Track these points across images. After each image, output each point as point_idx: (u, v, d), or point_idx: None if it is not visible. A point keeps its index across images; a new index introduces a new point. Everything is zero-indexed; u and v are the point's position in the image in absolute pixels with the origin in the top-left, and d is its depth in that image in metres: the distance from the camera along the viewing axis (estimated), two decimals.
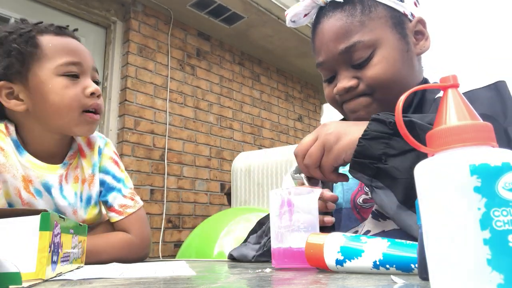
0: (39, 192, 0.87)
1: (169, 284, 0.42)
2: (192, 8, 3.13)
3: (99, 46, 2.94)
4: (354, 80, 0.76)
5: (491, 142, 0.28)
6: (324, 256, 0.51)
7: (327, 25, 0.78)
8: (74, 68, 0.88)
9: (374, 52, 0.75)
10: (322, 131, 0.68)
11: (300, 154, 0.69)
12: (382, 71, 0.74)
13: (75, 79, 0.88)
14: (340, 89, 0.77)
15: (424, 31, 0.82)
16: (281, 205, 0.62)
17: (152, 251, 2.82)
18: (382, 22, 0.76)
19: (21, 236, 0.47)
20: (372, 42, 0.74)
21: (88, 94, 0.87)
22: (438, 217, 0.27)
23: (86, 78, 0.89)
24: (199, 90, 3.35)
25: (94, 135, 0.99)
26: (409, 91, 0.32)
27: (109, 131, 2.78)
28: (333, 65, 0.79)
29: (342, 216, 0.79)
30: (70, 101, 0.86)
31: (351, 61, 0.76)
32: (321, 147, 0.66)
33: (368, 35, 0.74)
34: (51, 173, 0.89)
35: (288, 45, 3.74)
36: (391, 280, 0.41)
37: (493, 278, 0.24)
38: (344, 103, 0.80)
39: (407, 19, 0.80)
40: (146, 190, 2.83)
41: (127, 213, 0.95)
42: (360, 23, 0.75)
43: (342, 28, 0.75)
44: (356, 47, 0.74)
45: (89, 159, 0.96)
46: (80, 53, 0.90)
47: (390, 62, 0.75)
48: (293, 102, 4.30)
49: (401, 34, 0.77)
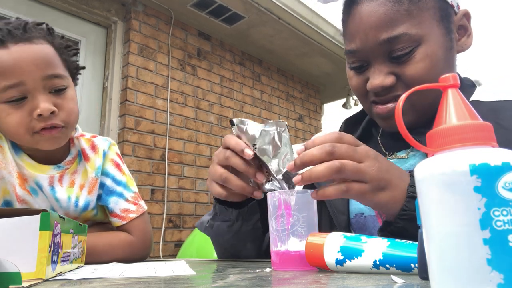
0: (35, 190, 0.87)
1: (169, 284, 0.42)
2: (192, 8, 3.13)
3: (99, 46, 2.94)
4: (391, 77, 0.69)
5: (491, 142, 0.28)
6: (324, 256, 0.51)
7: (368, 8, 0.68)
8: (14, 92, 0.77)
9: (418, 47, 0.67)
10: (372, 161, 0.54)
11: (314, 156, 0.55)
12: (425, 70, 0.67)
13: (20, 102, 0.78)
14: (376, 86, 0.70)
15: (468, 27, 0.75)
16: (278, 208, 0.60)
17: (152, 250, 2.82)
18: (430, 14, 0.68)
19: (21, 236, 0.47)
20: (419, 36, 0.67)
21: (35, 117, 0.78)
22: (438, 217, 0.27)
23: (36, 95, 0.79)
24: (200, 90, 3.35)
25: (98, 138, 0.98)
26: (409, 91, 0.32)
27: (109, 131, 2.78)
28: (368, 55, 0.71)
29: (367, 224, 0.75)
30: (16, 128, 0.80)
31: (390, 52, 0.68)
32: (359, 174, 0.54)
33: (416, 28, 0.67)
34: (41, 173, 0.88)
35: (289, 45, 3.74)
36: (391, 280, 0.41)
37: (493, 278, 0.24)
38: (374, 104, 0.73)
39: (453, 11, 0.72)
40: (147, 190, 2.83)
41: (130, 218, 0.93)
42: (407, 12, 0.67)
43: (387, 16, 0.67)
44: (400, 40, 0.66)
45: (93, 162, 0.94)
46: (20, 70, 0.77)
47: (433, 61, 0.67)
48: (293, 102, 4.29)
49: (446, 29, 0.70)
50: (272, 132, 0.65)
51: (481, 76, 0.80)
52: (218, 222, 0.79)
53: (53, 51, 0.83)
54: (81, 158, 0.94)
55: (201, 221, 0.85)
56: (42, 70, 0.79)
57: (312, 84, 4.57)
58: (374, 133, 0.86)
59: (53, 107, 0.80)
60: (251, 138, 0.66)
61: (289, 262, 0.58)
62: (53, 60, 0.82)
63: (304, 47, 3.76)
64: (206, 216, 0.84)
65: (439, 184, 0.27)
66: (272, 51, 3.86)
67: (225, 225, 0.79)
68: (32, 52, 0.78)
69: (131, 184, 0.98)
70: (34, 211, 0.48)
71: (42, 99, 0.79)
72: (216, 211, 0.78)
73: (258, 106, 3.87)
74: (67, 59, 0.88)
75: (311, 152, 0.55)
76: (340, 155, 0.54)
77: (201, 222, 0.85)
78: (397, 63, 0.69)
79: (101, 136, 1.00)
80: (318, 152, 0.54)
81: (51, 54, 0.82)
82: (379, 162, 0.55)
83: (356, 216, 0.77)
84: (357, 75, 0.75)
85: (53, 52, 0.83)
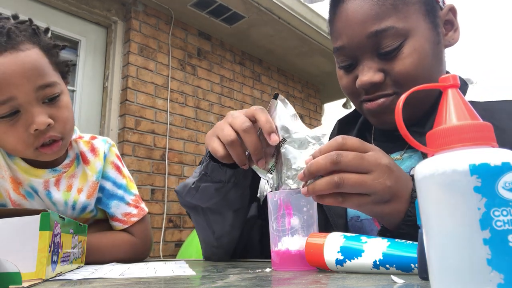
0: (30, 194, 0.86)
1: (169, 284, 0.42)
2: (193, 7, 3.13)
3: (100, 46, 2.94)
4: (380, 74, 0.69)
5: (491, 142, 0.28)
6: (324, 256, 0.51)
7: (354, 5, 0.69)
8: (6, 108, 0.73)
9: (405, 42, 0.67)
10: (379, 164, 0.52)
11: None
12: (413, 66, 0.67)
13: (14, 117, 0.75)
14: (365, 83, 0.69)
15: (454, 21, 0.75)
16: (279, 208, 0.60)
17: (153, 250, 2.82)
18: (416, 8, 0.68)
19: (21, 236, 0.47)
20: (406, 30, 0.67)
21: (32, 132, 0.75)
22: (438, 217, 0.27)
23: (29, 109, 0.75)
24: (200, 90, 3.35)
25: (98, 140, 0.95)
26: (409, 91, 0.32)
27: (110, 131, 2.78)
28: (356, 51, 0.70)
29: (364, 227, 0.74)
30: (15, 146, 0.78)
31: (378, 48, 0.68)
32: (361, 187, 0.52)
33: (402, 21, 0.66)
34: (35, 178, 0.86)
35: (289, 44, 3.74)
36: (391, 280, 0.41)
37: (493, 278, 0.24)
38: (363, 101, 0.73)
39: (438, 6, 0.72)
40: (147, 190, 2.83)
41: (132, 222, 0.93)
42: (393, 6, 0.67)
43: (373, 10, 0.67)
44: (387, 33, 0.66)
45: (93, 165, 0.92)
46: (10, 85, 0.72)
47: (421, 55, 0.67)
48: (293, 102, 4.29)
49: (433, 23, 0.70)
50: (311, 145, 0.61)
51: (471, 73, 0.79)
52: (206, 183, 0.74)
53: (41, 55, 0.78)
54: (80, 161, 0.92)
55: (184, 184, 0.78)
56: (33, 81, 0.74)
57: (312, 84, 4.57)
58: (367, 136, 0.85)
59: (49, 119, 0.76)
60: (283, 128, 0.62)
61: (290, 262, 0.58)
62: (43, 67, 0.77)
63: (304, 46, 3.76)
64: (190, 179, 0.77)
65: (439, 184, 0.27)
66: (272, 51, 3.86)
67: (213, 187, 0.74)
68: (20, 63, 0.73)
69: (132, 186, 0.97)
70: (34, 211, 0.48)
71: (37, 112, 0.75)
72: (207, 171, 0.73)
73: None
74: (56, 60, 0.83)
75: (317, 162, 0.52)
76: (345, 165, 0.51)
77: (185, 185, 0.78)
78: (385, 59, 0.68)
79: (100, 136, 0.98)
80: (323, 161, 0.52)
81: (40, 60, 0.77)
82: (389, 172, 0.52)
83: (352, 219, 0.76)
84: (347, 74, 0.74)
85: (41, 56, 0.78)
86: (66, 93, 0.83)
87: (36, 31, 0.80)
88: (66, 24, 2.74)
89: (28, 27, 0.80)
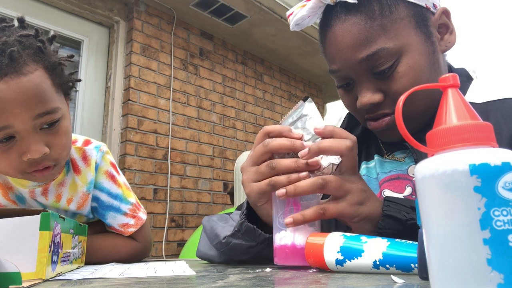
0: (21, 198, 0.85)
1: (169, 284, 0.42)
2: (195, 7, 3.13)
3: (102, 45, 2.95)
4: (379, 94, 0.69)
5: (491, 142, 0.28)
6: (324, 256, 0.51)
7: (341, 30, 0.68)
8: (1, 135, 0.69)
9: (399, 60, 0.66)
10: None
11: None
12: (410, 84, 0.66)
13: (9, 142, 0.71)
14: (365, 104, 0.69)
15: (448, 24, 0.73)
16: (286, 204, 0.62)
17: (155, 250, 2.83)
18: (405, 23, 0.67)
19: (21, 236, 0.47)
20: (397, 48, 0.66)
21: (25, 160, 0.72)
22: (438, 217, 0.27)
23: (25, 136, 0.71)
24: (202, 90, 3.36)
25: (90, 147, 0.90)
26: (409, 91, 0.32)
27: (112, 131, 2.78)
28: (351, 74, 0.70)
29: None
30: (5, 170, 0.75)
31: (372, 69, 0.68)
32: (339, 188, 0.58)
33: (392, 40, 0.66)
34: (20, 187, 0.83)
35: (291, 44, 3.74)
36: (391, 280, 0.41)
37: (493, 278, 0.24)
38: (367, 120, 0.74)
39: (429, 12, 0.70)
40: (149, 190, 2.83)
41: (129, 233, 0.91)
42: (381, 27, 0.66)
43: (361, 34, 0.66)
44: (379, 55, 0.66)
45: (84, 175, 0.88)
46: (7, 113, 0.67)
47: (417, 72, 0.67)
48: (296, 101, 4.28)
49: (425, 34, 0.69)
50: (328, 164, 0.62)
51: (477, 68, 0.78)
52: (238, 241, 0.69)
53: (44, 77, 0.72)
54: (70, 169, 0.87)
55: (215, 233, 0.73)
56: (32, 110, 0.69)
57: (315, 84, 4.57)
58: (374, 132, 0.85)
59: (45, 148, 0.72)
60: (309, 136, 0.63)
61: (295, 256, 0.59)
62: (45, 93, 0.72)
63: (306, 46, 3.76)
64: (221, 228, 0.73)
65: (439, 184, 0.27)
66: (274, 51, 3.86)
67: (245, 246, 0.69)
68: (20, 90, 0.67)
69: (128, 195, 0.93)
70: (34, 211, 0.48)
71: (33, 140, 0.71)
72: (241, 229, 0.68)
73: (260, 106, 3.87)
74: (60, 81, 0.77)
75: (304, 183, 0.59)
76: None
77: (215, 234, 0.73)
78: (381, 78, 0.68)
79: (95, 140, 0.93)
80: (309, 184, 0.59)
81: (42, 85, 0.71)
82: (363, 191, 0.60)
83: None
84: (347, 94, 0.75)
85: (45, 78, 0.72)
86: (67, 117, 0.79)
87: (42, 47, 0.74)
88: (69, 24, 2.75)
89: (33, 42, 0.73)
